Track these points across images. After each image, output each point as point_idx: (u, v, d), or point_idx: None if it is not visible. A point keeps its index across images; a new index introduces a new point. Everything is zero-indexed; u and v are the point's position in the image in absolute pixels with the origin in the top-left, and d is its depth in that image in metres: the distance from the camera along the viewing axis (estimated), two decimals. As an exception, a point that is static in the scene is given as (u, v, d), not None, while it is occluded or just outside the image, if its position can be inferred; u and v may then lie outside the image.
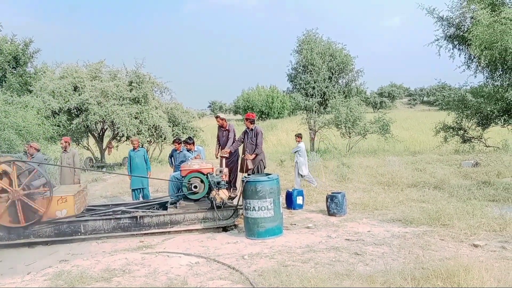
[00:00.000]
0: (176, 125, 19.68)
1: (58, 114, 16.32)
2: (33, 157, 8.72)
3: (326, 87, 17.47)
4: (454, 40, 15.38)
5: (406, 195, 8.82)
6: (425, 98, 60.77)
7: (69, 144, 9.43)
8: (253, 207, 6.40)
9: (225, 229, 7.11)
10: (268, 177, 6.61)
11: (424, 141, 19.85)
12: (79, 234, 6.78)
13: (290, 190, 8.54)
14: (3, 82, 18.20)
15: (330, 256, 5.43)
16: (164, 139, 18.41)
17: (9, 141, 12.16)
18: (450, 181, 9.90)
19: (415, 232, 6.30)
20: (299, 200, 8.33)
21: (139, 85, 17.77)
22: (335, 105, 17.10)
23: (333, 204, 7.60)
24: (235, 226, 7.19)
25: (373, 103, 51.56)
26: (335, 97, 17.52)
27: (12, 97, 14.78)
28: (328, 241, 6.13)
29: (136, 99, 17.69)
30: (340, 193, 7.77)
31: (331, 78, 17.86)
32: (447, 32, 15.46)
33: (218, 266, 5.26)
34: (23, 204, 6.53)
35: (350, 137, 17.46)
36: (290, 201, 8.34)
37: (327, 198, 7.74)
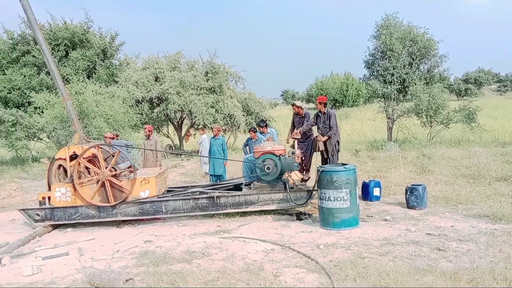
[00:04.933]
0: (249, 114, 19.99)
1: (141, 103, 17.32)
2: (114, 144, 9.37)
3: (406, 74, 16.56)
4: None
5: (495, 190, 8.15)
6: (518, 84, 55.54)
7: (151, 132, 9.99)
8: (329, 197, 6.32)
9: (299, 217, 7.13)
10: (345, 167, 6.49)
11: (516, 131, 18.19)
12: (161, 213, 7.20)
13: (367, 181, 8.30)
14: (93, 74, 19.68)
15: (409, 250, 5.22)
16: (238, 127, 18.79)
17: (99, 128, 13.21)
18: (547, 175, 8.98)
19: (506, 230, 5.82)
20: (376, 192, 8.07)
21: (214, 75, 18.26)
22: (415, 92, 16.21)
23: (413, 197, 7.26)
24: (309, 215, 7.18)
25: (457, 90, 48.12)
26: (415, 83, 16.59)
27: (101, 87, 15.99)
28: (407, 234, 5.89)
29: (212, 89, 18.21)
30: (420, 185, 7.40)
31: (412, 64, 16.92)
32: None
33: (293, 254, 5.29)
34: (111, 184, 7.06)
35: (431, 126, 16.49)
36: (366, 193, 8.12)
37: (406, 190, 7.42)
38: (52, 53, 17.63)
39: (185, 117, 19.48)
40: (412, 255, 5.02)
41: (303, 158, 8.46)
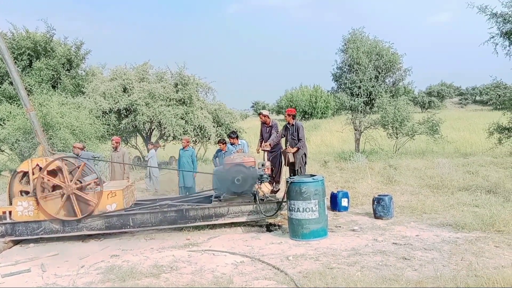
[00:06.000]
0: (220, 126, 19.94)
1: (108, 114, 16.97)
2: (80, 156, 9.15)
3: (372, 87, 17.02)
4: (511, 36, 14.52)
5: (457, 199, 8.45)
6: (478, 98, 57.94)
7: (119, 144, 9.80)
8: (298, 208, 6.38)
9: (269, 229, 7.14)
10: (313, 178, 6.57)
11: (476, 142, 18.91)
12: (128, 227, 7.04)
13: (335, 191, 8.43)
14: (58, 84, 19.17)
15: (376, 260, 5.32)
16: (209, 139, 18.70)
17: (64, 140, 12.84)
18: (505, 185, 9.37)
19: (467, 238, 6.03)
20: (344, 202, 8.20)
21: (184, 87, 18.17)
22: (381, 105, 16.67)
23: (380, 207, 7.42)
24: (279, 226, 7.20)
25: (421, 103, 49.75)
26: (381, 96, 17.06)
27: (66, 98, 15.59)
28: (374, 244, 6.00)
29: (182, 100, 18.09)
30: (387, 195, 7.58)
31: (378, 77, 17.41)
32: (503, 28, 14.64)
33: (263, 266, 5.29)
34: (76, 198, 6.85)
35: (397, 137, 16.96)
36: (335, 203, 8.23)
37: (373, 201, 7.57)
38: (15, 62, 17.06)
39: (154, 128, 19.23)
40: (379, 265, 5.12)
41: (273, 170, 8.52)
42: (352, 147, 18.13)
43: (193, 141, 18.41)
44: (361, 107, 17.00)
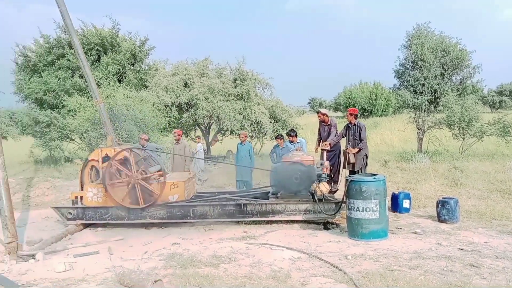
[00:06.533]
0: (276, 121, 19.95)
1: (170, 107, 17.56)
2: (145, 147, 9.55)
3: (438, 84, 16.26)
4: None
5: (532, 206, 7.87)
6: (555, 98, 53.41)
7: (181, 136, 10.13)
8: (357, 207, 6.24)
9: (326, 227, 7.05)
10: (374, 178, 6.40)
11: (553, 146, 17.47)
12: (189, 218, 7.25)
13: (396, 192, 8.15)
14: (124, 78, 20.11)
15: (441, 265, 5.08)
16: (265, 134, 18.78)
17: (129, 131, 13.47)
18: None
19: (543, 248, 5.59)
20: (405, 204, 7.91)
21: (242, 82, 18.37)
22: (447, 103, 15.85)
23: (444, 210, 7.07)
24: (337, 225, 7.09)
25: (491, 102, 46.72)
26: (447, 94, 16.23)
27: (131, 91, 16.33)
28: (438, 249, 5.74)
29: (240, 96, 18.31)
30: (452, 198, 7.20)
31: (444, 74, 16.58)
32: None
33: (320, 264, 5.23)
34: (141, 187, 7.15)
35: (463, 138, 16.05)
36: (396, 204, 7.96)
37: (437, 204, 7.23)
38: (86, 57, 18.10)
39: (213, 122, 19.63)
40: (444, 270, 4.88)
41: (331, 169, 8.39)
42: (414, 147, 17.44)
43: (249, 136, 18.59)
44: (425, 105, 16.31)
